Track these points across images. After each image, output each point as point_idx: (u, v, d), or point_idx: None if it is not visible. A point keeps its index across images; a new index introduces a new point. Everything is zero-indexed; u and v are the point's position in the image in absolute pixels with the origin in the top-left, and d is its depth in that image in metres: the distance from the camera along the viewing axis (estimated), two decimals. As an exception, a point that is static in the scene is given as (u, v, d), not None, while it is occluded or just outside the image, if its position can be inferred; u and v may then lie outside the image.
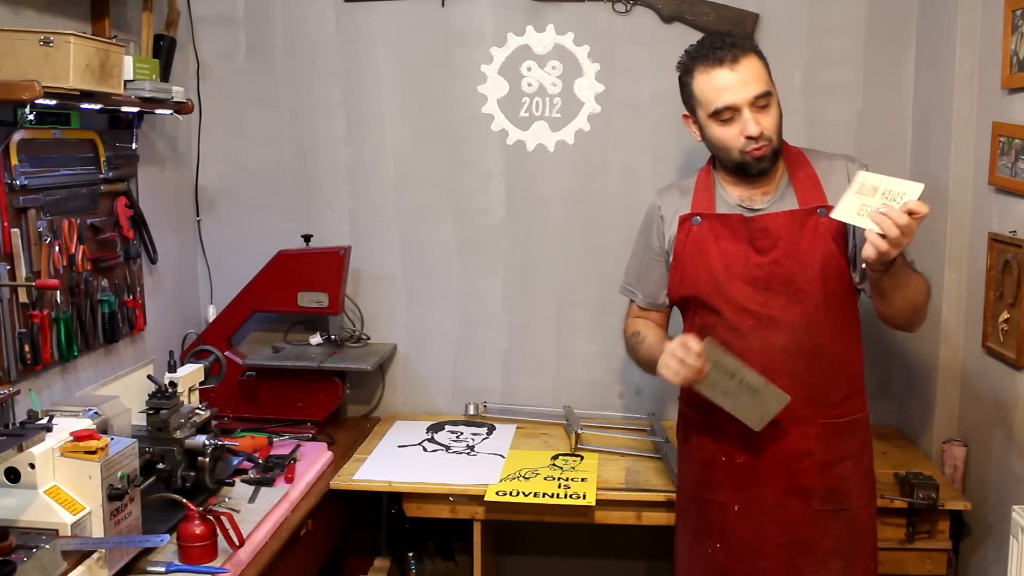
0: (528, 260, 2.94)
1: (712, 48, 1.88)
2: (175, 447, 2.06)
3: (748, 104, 1.84)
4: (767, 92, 1.85)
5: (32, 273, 2.09)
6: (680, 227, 2.01)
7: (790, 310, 1.90)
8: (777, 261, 1.90)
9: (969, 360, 2.41)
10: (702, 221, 1.98)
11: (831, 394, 1.94)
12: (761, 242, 1.92)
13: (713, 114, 1.88)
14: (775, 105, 1.88)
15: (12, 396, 1.84)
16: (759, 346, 1.91)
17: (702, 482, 2.04)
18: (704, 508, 2.03)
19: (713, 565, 2.02)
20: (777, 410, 1.86)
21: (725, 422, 1.95)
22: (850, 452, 1.96)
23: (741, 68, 1.84)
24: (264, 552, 2.03)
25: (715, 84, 1.86)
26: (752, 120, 1.84)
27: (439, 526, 2.87)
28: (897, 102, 2.73)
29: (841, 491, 1.95)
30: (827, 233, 1.90)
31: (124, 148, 2.49)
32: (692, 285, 1.99)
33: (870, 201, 1.70)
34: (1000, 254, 2.20)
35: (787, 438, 1.93)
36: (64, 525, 1.66)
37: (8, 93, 1.82)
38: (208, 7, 2.89)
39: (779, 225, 1.91)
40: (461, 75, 2.86)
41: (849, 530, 1.96)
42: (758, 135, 1.85)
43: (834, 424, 1.94)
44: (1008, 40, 2.16)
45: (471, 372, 3.00)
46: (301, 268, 2.79)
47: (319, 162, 2.96)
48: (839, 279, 1.91)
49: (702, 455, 2.03)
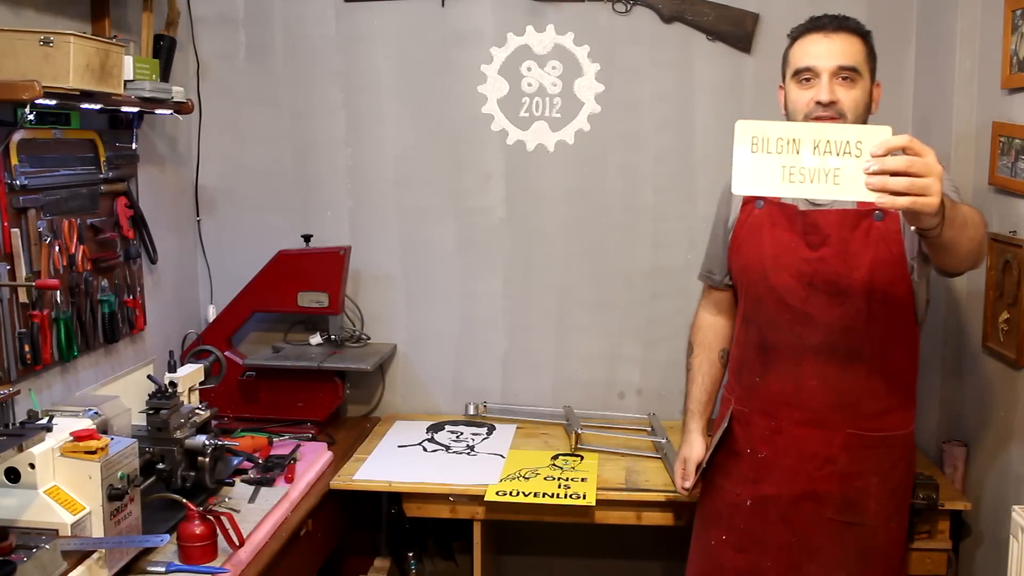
0: (528, 260, 2.94)
1: (819, 18, 1.87)
2: (175, 447, 2.06)
3: (830, 72, 1.80)
4: (853, 67, 1.80)
5: (32, 273, 2.08)
6: (743, 208, 1.99)
7: (830, 311, 1.85)
8: (824, 259, 1.85)
9: (969, 360, 2.41)
10: (764, 206, 1.95)
11: (865, 404, 1.88)
12: (812, 237, 1.87)
13: (795, 74, 1.85)
14: (862, 88, 1.82)
15: (12, 396, 1.84)
16: (791, 343, 1.89)
17: (725, 471, 2.03)
18: (718, 496, 2.04)
19: (716, 555, 2.02)
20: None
21: (754, 415, 1.96)
22: (877, 468, 1.90)
23: (836, 38, 1.82)
24: (264, 552, 2.03)
25: (806, 47, 1.84)
26: (828, 87, 1.79)
27: (439, 526, 2.87)
28: (897, 102, 2.73)
29: (859, 505, 1.89)
30: (881, 238, 1.82)
31: (124, 148, 2.49)
32: (742, 269, 1.98)
33: (795, 161, 1.41)
34: (1000, 254, 2.20)
35: (811, 441, 1.90)
36: (64, 525, 1.66)
37: (8, 93, 1.82)
38: (208, 7, 2.89)
39: (829, 223, 1.85)
40: (461, 75, 2.86)
41: (860, 545, 1.91)
42: (828, 102, 1.78)
43: (863, 436, 1.89)
44: (1008, 40, 2.16)
45: (471, 372, 3.00)
46: (301, 268, 2.79)
47: (319, 162, 2.96)
48: (890, 287, 1.83)
49: (731, 444, 2.02)
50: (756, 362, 1.97)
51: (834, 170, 1.38)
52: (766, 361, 1.94)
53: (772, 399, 1.94)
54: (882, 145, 1.34)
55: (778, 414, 1.93)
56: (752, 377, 1.98)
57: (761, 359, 1.96)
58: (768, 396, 1.95)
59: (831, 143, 1.38)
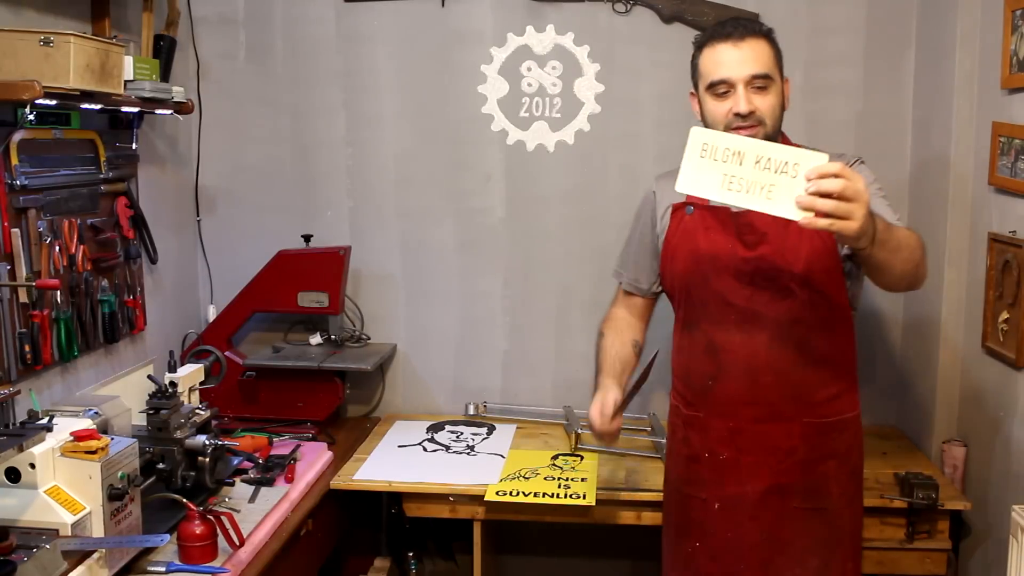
0: (528, 260, 2.94)
1: (723, 26, 1.88)
2: (175, 447, 2.06)
3: (744, 82, 1.82)
4: (766, 75, 1.83)
5: (32, 273, 2.09)
6: (673, 215, 2.01)
7: (775, 306, 1.89)
8: (763, 256, 1.88)
9: (969, 360, 2.41)
10: (694, 211, 1.97)
11: (817, 392, 1.92)
12: (748, 236, 1.90)
13: (709, 87, 1.86)
14: (775, 92, 1.85)
15: (12, 396, 1.84)
16: (742, 341, 1.91)
17: (686, 479, 2.03)
18: (686, 504, 2.03)
19: (691, 564, 2.02)
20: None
21: (710, 418, 1.96)
22: (835, 452, 1.94)
23: (745, 46, 1.83)
24: (264, 552, 2.03)
25: (716, 57, 1.85)
26: (744, 97, 1.82)
27: (439, 526, 2.86)
28: (897, 102, 2.73)
29: (822, 490, 1.93)
30: (814, 232, 1.81)
31: (124, 148, 2.49)
32: (680, 275, 1.99)
33: (737, 172, 1.53)
34: (1000, 254, 2.20)
35: (771, 436, 1.92)
36: (64, 525, 1.66)
37: (8, 93, 1.82)
38: (208, 7, 2.89)
39: (765, 221, 1.83)
40: (461, 75, 2.86)
41: (827, 529, 1.94)
42: (747, 113, 1.82)
43: (819, 423, 1.93)
44: (1008, 40, 2.16)
45: (471, 372, 3.00)
46: (301, 268, 2.79)
47: (319, 162, 2.96)
48: (827, 277, 1.87)
49: (687, 450, 2.03)
50: (707, 365, 1.97)
51: (769, 185, 1.51)
52: (718, 363, 1.95)
53: (728, 400, 1.95)
54: (816, 170, 1.48)
55: (736, 414, 1.94)
56: (704, 381, 1.98)
57: (712, 362, 1.96)
58: (723, 398, 1.95)
59: (771, 160, 1.51)
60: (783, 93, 1.89)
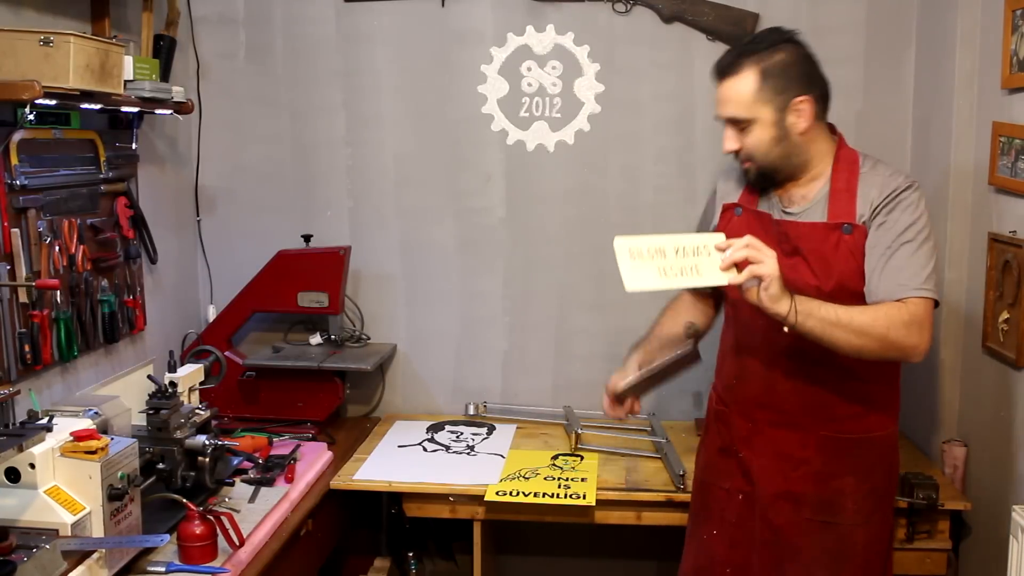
0: (528, 260, 2.94)
1: (725, 54, 1.91)
2: (175, 447, 2.06)
3: (727, 122, 1.87)
4: (737, 119, 1.84)
5: (32, 273, 2.08)
6: (723, 214, 2.03)
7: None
8: (795, 268, 1.87)
9: (969, 360, 2.41)
10: (742, 213, 1.99)
11: (836, 408, 1.91)
12: (784, 245, 1.89)
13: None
14: (760, 127, 1.83)
15: (12, 396, 1.84)
16: (764, 345, 1.92)
17: (713, 467, 2.07)
18: (708, 493, 2.07)
19: (708, 550, 2.05)
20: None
21: (733, 416, 2.00)
22: (853, 469, 1.92)
23: (726, 86, 1.86)
24: (264, 552, 2.03)
25: (716, 92, 1.90)
26: (728, 137, 1.87)
27: (439, 526, 2.86)
28: (897, 102, 2.73)
29: (836, 505, 1.92)
30: (849, 251, 1.84)
31: (124, 148, 2.49)
32: None
33: (666, 263, 1.73)
34: (1000, 254, 2.20)
35: (786, 442, 1.94)
36: (64, 525, 1.66)
37: (8, 93, 1.82)
38: (208, 7, 2.89)
39: (800, 234, 1.88)
40: (461, 75, 2.86)
41: (837, 544, 1.93)
42: (730, 152, 1.88)
43: (838, 438, 1.92)
44: (1008, 40, 2.16)
45: (471, 372, 3.00)
46: (301, 268, 2.79)
47: (319, 162, 2.96)
48: (857, 298, 1.84)
49: (718, 441, 2.07)
50: (733, 364, 2.03)
51: (694, 266, 1.74)
52: (741, 364, 2.00)
53: (748, 401, 1.99)
54: (724, 242, 1.72)
55: (754, 415, 1.98)
56: (730, 379, 2.05)
57: (737, 362, 2.01)
58: (744, 398, 2.00)
59: (686, 248, 1.74)
60: (780, 123, 1.84)
